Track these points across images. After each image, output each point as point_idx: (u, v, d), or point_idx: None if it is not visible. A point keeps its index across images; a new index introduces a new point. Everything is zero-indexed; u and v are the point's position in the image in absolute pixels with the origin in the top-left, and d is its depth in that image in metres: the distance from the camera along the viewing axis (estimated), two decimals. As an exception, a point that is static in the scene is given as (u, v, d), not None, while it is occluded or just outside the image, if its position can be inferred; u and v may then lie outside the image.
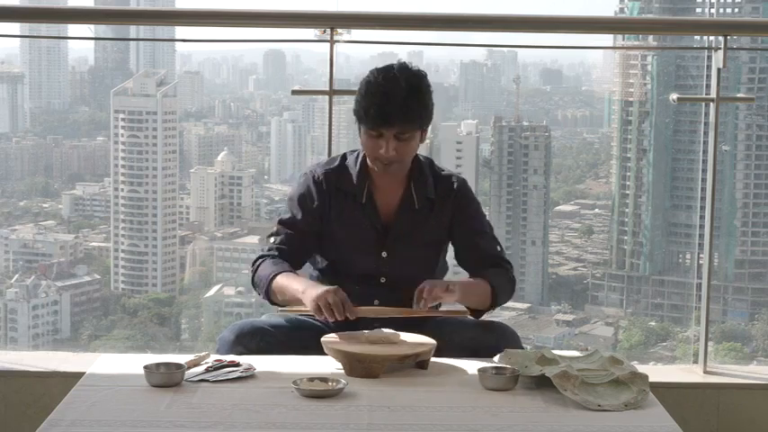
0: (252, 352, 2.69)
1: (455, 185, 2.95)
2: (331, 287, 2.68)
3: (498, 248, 2.98)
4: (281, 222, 2.95)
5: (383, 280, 2.91)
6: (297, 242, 2.92)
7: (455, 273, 3.08)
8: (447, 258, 3.04)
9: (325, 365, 2.57)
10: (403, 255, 2.91)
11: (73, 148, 20.53)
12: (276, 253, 2.91)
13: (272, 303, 2.85)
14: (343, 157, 2.98)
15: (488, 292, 2.85)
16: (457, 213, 2.94)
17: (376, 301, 2.91)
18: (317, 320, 2.97)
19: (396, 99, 2.77)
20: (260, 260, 2.92)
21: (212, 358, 2.62)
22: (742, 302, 18.01)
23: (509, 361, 2.54)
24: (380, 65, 2.86)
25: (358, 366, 2.52)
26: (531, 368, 2.48)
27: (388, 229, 2.91)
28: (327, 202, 2.91)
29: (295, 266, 2.92)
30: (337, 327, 2.78)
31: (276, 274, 2.82)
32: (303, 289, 2.73)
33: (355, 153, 2.96)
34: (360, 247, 2.91)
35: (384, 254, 2.91)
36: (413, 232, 2.91)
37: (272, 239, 2.94)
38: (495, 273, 2.90)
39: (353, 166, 2.93)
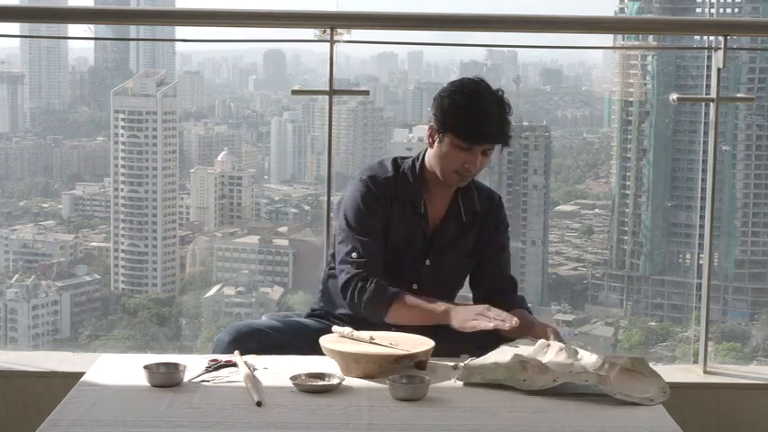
0: (249, 353, 2.69)
1: (495, 200, 3.02)
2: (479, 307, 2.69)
3: (510, 271, 3.04)
4: (351, 234, 2.88)
5: (414, 286, 2.92)
6: (377, 246, 2.88)
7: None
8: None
9: (324, 366, 2.57)
10: (445, 265, 2.94)
11: (73, 148, 20.50)
12: (365, 270, 2.84)
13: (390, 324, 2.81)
14: (395, 163, 2.97)
15: None
16: (491, 230, 2.99)
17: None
18: (317, 321, 2.98)
19: (493, 116, 2.81)
20: (358, 283, 2.84)
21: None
22: (742, 302, 17.99)
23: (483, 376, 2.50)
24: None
25: (354, 367, 2.52)
26: (530, 381, 2.44)
27: (433, 238, 2.94)
28: (389, 207, 2.91)
29: (385, 274, 2.88)
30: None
31: (397, 297, 2.79)
32: (445, 309, 2.74)
33: (408, 161, 2.97)
34: (408, 253, 2.92)
35: (428, 262, 2.93)
36: (457, 243, 2.95)
37: (354, 254, 2.86)
38: (520, 298, 2.97)
39: (410, 175, 2.94)
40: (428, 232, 2.94)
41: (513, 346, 2.62)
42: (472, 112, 2.81)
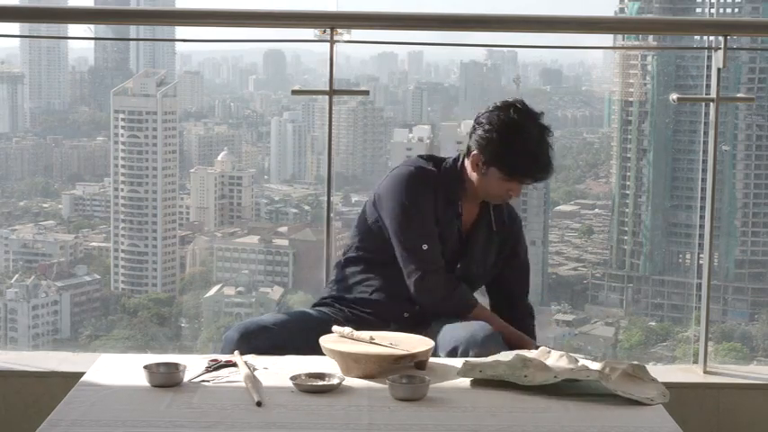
0: (256, 350, 2.69)
1: (517, 222, 3.09)
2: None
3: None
4: (414, 222, 2.92)
5: None
6: (437, 241, 2.95)
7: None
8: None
9: (325, 365, 2.57)
10: (473, 270, 2.99)
11: (73, 148, 20.50)
12: (432, 266, 2.91)
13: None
14: (439, 161, 3.00)
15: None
16: (515, 243, 3.06)
17: (406, 314, 2.96)
18: (323, 313, 3.00)
19: (549, 161, 2.89)
20: (429, 278, 2.91)
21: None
22: (742, 302, 17.98)
23: (493, 372, 2.50)
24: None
25: (354, 367, 2.52)
26: (531, 376, 2.45)
27: (465, 243, 2.97)
28: (433, 198, 2.94)
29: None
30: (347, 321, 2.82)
31: (476, 303, 2.92)
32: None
33: (448, 161, 2.99)
34: (444, 252, 2.94)
35: (459, 265, 2.96)
36: (485, 251, 2.99)
37: (424, 246, 2.91)
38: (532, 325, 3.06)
39: (454, 175, 2.97)
40: (461, 235, 2.97)
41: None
42: (521, 152, 2.85)
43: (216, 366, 2.56)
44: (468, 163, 2.97)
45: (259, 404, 2.30)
